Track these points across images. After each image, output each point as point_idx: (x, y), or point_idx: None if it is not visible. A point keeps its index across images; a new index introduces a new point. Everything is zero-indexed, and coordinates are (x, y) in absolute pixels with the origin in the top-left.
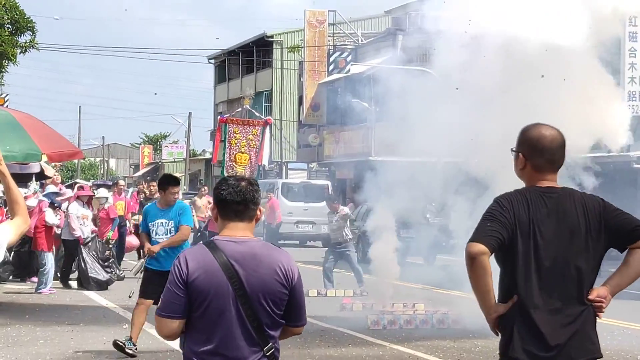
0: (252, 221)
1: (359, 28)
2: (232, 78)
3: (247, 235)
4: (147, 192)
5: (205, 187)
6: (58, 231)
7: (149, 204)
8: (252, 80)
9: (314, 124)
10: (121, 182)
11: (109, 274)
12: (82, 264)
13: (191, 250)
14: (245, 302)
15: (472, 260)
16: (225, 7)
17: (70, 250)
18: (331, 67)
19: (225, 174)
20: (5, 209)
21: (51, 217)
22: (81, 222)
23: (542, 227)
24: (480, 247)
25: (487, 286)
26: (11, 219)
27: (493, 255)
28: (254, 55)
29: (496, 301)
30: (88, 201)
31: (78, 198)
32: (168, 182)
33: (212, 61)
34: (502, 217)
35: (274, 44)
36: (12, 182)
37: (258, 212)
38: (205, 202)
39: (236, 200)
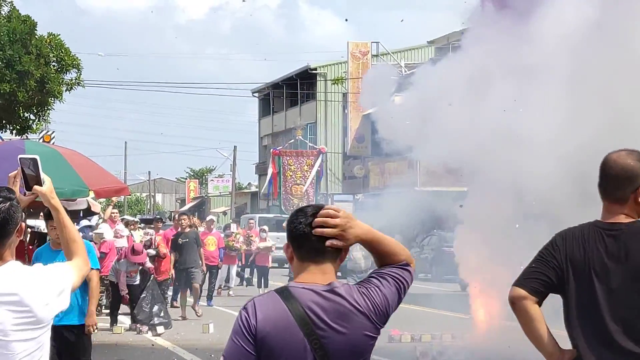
0: (337, 262)
1: (402, 59)
2: (276, 111)
3: (330, 280)
4: (179, 226)
5: (252, 220)
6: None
7: (178, 238)
8: (297, 112)
9: (359, 156)
10: (212, 217)
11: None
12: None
13: (261, 299)
14: None
15: (513, 306)
16: (268, 41)
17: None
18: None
19: (283, 208)
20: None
21: None
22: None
23: (599, 270)
24: (519, 292)
25: (537, 332)
26: (68, 260)
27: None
28: (297, 87)
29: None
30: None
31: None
32: (49, 215)
33: (257, 94)
34: (551, 256)
35: (317, 77)
36: (67, 219)
37: (343, 251)
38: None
39: (317, 236)
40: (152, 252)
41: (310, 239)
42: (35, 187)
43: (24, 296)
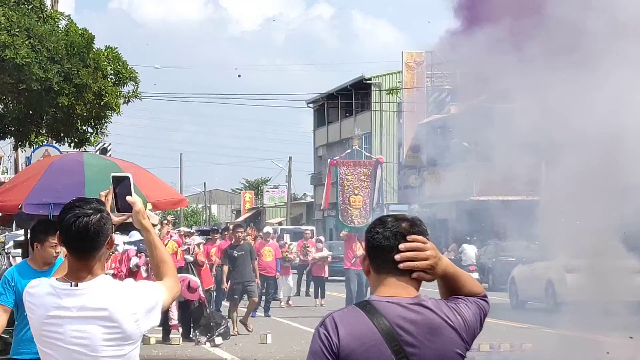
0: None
1: (457, 67)
2: (331, 122)
3: (414, 295)
4: (234, 238)
5: (309, 231)
6: (144, 274)
7: (233, 250)
8: (351, 123)
9: (414, 165)
10: (270, 229)
11: None
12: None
13: (341, 314)
14: None
15: None
16: (323, 51)
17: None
18: (430, 108)
19: (340, 218)
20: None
21: (133, 260)
22: None
23: None
24: None
25: None
26: (159, 280)
27: None
28: (352, 98)
29: None
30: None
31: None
32: (45, 230)
33: (311, 105)
34: None
35: (372, 87)
36: (157, 239)
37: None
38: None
39: (394, 247)
40: (189, 258)
41: (387, 252)
42: (129, 199)
43: (113, 311)
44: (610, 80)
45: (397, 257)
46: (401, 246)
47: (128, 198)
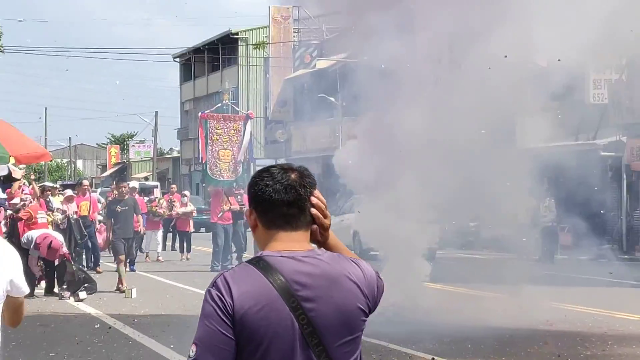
0: (309, 230)
1: (324, 23)
2: (198, 76)
3: (308, 248)
4: (117, 193)
5: (174, 186)
6: (4, 229)
7: (116, 205)
8: (218, 77)
9: (281, 120)
10: (85, 182)
11: None
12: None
13: (232, 273)
14: (317, 343)
15: None
16: (190, 5)
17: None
18: (297, 63)
19: (209, 172)
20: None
21: None
22: None
23: None
24: None
25: None
26: None
27: None
28: (219, 52)
29: None
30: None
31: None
32: None
33: (178, 60)
34: None
35: (239, 41)
36: None
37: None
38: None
39: (287, 200)
40: (58, 216)
41: (278, 205)
42: None
43: None
44: None
45: (314, 211)
46: (314, 200)
47: None
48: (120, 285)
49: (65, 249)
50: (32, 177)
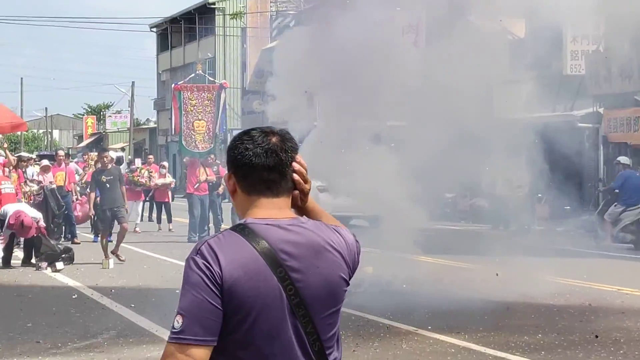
0: (290, 196)
1: None
2: (174, 46)
3: (291, 216)
4: (100, 163)
5: (151, 156)
6: None
7: (101, 175)
8: (195, 47)
9: (258, 91)
10: (60, 152)
11: None
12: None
13: (217, 240)
14: (304, 314)
15: None
16: None
17: None
18: (274, 33)
19: (184, 143)
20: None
21: None
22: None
23: None
24: None
25: None
26: None
27: None
28: (196, 22)
29: None
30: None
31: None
32: None
33: (154, 30)
34: None
35: (216, 11)
36: None
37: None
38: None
39: (268, 165)
40: (33, 186)
41: (258, 169)
42: None
43: None
44: None
45: (296, 176)
46: (296, 166)
47: None
48: (107, 258)
49: (42, 223)
50: (5, 145)
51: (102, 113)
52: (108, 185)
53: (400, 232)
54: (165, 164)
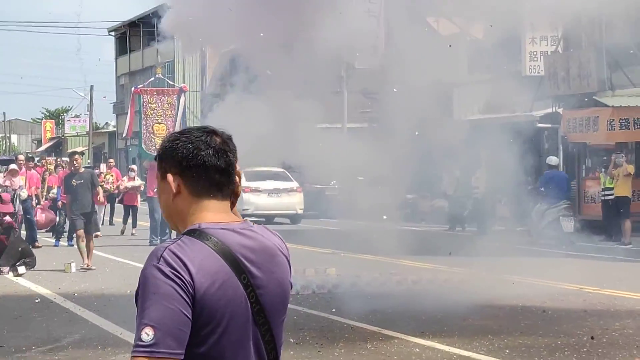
0: (235, 199)
1: None
2: (133, 50)
3: (239, 219)
4: (72, 167)
5: (112, 160)
6: None
7: (71, 179)
8: (154, 51)
9: (218, 93)
10: (20, 156)
11: None
12: None
13: (178, 246)
14: (264, 322)
15: None
16: None
17: None
18: None
19: (144, 147)
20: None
21: None
22: None
23: None
24: None
25: None
26: None
27: None
28: (155, 26)
29: None
30: None
31: None
32: None
33: (113, 33)
34: None
35: None
36: None
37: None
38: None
39: (220, 167)
40: (23, 194)
41: (212, 171)
42: None
43: None
44: None
45: (236, 178)
46: (237, 166)
47: None
48: (84, 264)
49: (9, 219)
50: None
51: (61, 117)
52: (78, 190)
53: (363, 233)
54: (134, 167)
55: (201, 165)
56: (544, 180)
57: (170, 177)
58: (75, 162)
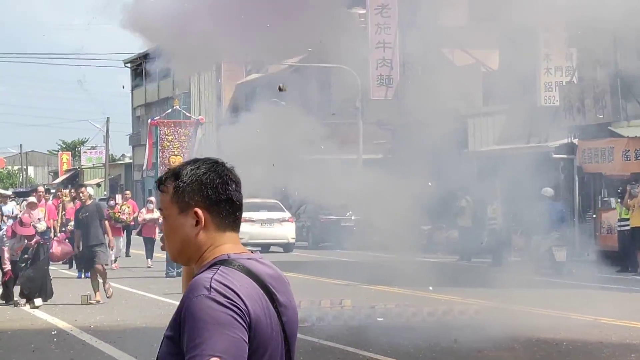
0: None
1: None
2: (149, 81)
3: (251, 250)
4: (81, 198)
5: (128, 192)
6: None
7: (79, 213)
8: (170, 82)
9: (234, 122)
10: (40, 188)
11: None
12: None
13: (224, 277)
14: (287, 350)
15: None
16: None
17: None
18: (249, 67)
19: None
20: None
21: None
22: None
23: None
24: None
25: None
26: None
27: None
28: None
29: None
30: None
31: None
32: None
33: (129, 65)
34: None
35: None
36: None
37: None
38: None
39: (240, 201)
40: (42, 226)
41: (237, 206)
42: None
43: None
44: None
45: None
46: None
47: None
48: (96, 298)
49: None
50: None
51: (77, 149)
52: (85, 222)
53: (378, 264)
54: (152, 199)
55: (230, 200)
56: (540, 212)
57: (199, 211)
58: (81, 195)
